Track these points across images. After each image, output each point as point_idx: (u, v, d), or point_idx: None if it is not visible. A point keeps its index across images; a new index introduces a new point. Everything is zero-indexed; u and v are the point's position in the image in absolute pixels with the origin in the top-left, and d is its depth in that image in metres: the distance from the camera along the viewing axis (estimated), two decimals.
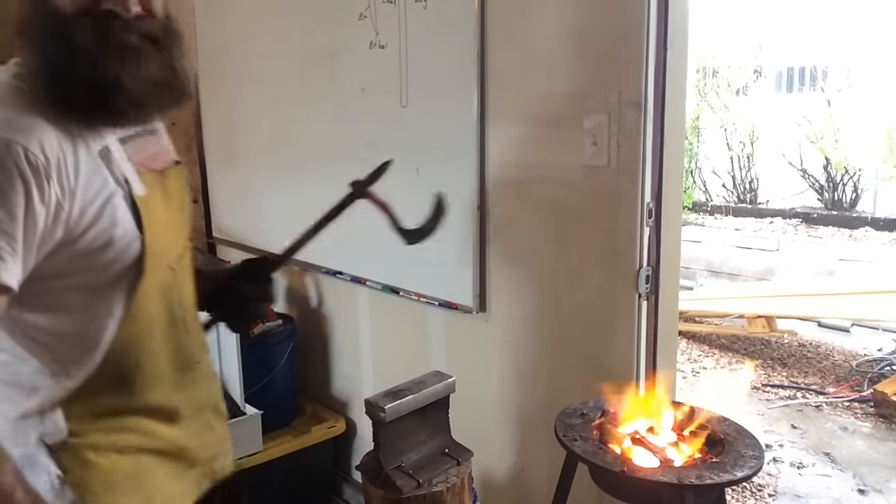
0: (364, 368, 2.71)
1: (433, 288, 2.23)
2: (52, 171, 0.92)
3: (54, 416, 1.03)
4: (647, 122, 1.72)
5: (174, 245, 1.15)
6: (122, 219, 1.01)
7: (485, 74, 2.03)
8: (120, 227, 1.01)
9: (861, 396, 3.99)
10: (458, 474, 1.75)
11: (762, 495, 3.08)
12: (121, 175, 1.02)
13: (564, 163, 1.88)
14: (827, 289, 5.49)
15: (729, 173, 10.03)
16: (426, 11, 2.12)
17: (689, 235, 7.66)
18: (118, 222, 1.01)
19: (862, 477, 3.20)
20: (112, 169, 1.01)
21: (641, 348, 1.82)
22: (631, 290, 1.79)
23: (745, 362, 4.61)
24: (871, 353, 4.65)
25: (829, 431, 3.66)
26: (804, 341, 4.90)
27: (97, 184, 0.98)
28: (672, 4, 1.69)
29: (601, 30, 1.77)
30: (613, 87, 1.75)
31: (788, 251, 7.52)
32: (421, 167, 2.22)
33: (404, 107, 2.24)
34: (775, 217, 9.36)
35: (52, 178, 0.92)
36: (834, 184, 9.26)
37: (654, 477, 1.36)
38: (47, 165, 0.91)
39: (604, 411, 1.62)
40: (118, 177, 1.02)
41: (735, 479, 1.37)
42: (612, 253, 1.80)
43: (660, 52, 1.70)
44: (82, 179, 0.96)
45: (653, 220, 1.78)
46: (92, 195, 0.98)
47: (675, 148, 1.80)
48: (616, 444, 1.52)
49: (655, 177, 1.76)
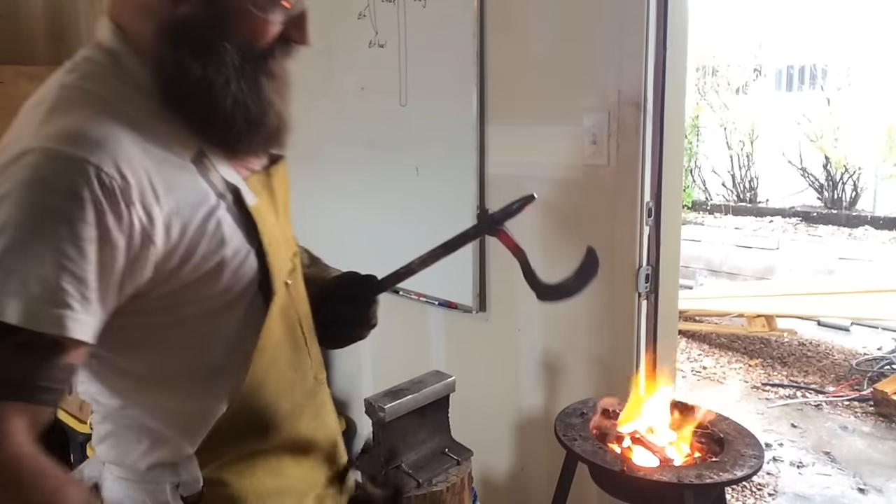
0: (364, 368, 2.71)
1: (433, 287, 2.23)
2: (132, 193, 0.75)
3: (189, 465, 0.89)
4: (646, 121, 1.72)
5: (287, 256, 0.99)
6: (231, 235, 0.85)
7: (484, 73, 2.02)
8: (229, 246, 0.85)
9: (861, 395, 3.98)
10: (458, 474, 1.75)
11: (762, 494, 3.08)
12: (221, 183, 0.86)
13: (564, 162, 1.87)
14: (827, 288, 5.49)
15: (728, 172, 10.03)
16: (425, 10, 2.12)
17: (689, 234, 7.66)
18: (227, 240, 0.84)
19: (862, 476, 3.20)
20: (209, 178, 0.85)
21: (641, 347, 1.82)
22: (630, 289, 1.79)
23: (745, 361, 4.60)
24: (870, 352, 4.65)
25: (828, 430, 3.66)
26: (804, 340, 4.89)
27: (194, 199, 0.82)
28: (671, 3, 1.69)
29: (600, 29, 1.77)
30: (613, 86, 1.75)
31: (788, 250, 7.52)
32: (420, 167, 2.22)
33: (404, 106, 2.24)
34: (775, 216, 9.36)
35: (133, 202, 0.75)
36: (833, 182, 9.26)
37: (653, 476, 1.36)
38: (126, 187, 0.74)
39: (604, 411, 1.62)
40: (218, 186, 0.85)
41: (735, 478, 1.37)
42: (611, 252, 1.80)
43: (659, 50, 1.70)
44: (175, 197, 0.80)
45: (652, 219, 1.78)
46: (189, 214, 0.81)
47: (674, 147, 1.80)
48: (616, 444, 1.52)
49: (655, 176, 1.76)
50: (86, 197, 0.71)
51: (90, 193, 0.72)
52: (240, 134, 0.85)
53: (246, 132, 0.85)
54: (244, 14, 0.82)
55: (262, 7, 0.83)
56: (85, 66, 0.84)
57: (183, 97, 0.82)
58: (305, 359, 1.00)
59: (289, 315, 0.97)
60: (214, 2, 0.81)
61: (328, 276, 1.15)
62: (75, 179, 0.71)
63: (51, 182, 0.71)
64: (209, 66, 0.82)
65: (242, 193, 0.88)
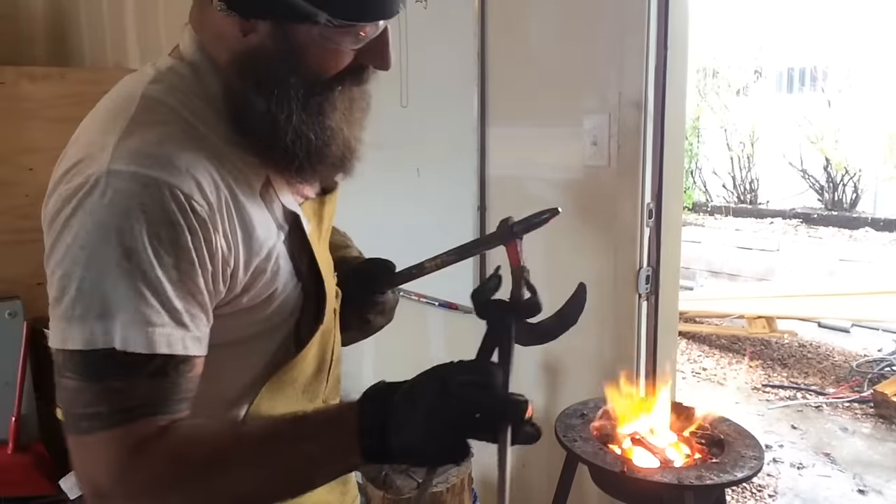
0: (364, 368, 2.71)
1: (433, 288, 2.23)
2: (216, 219, 0.75)
3: None
4: (647, 123, 1.72)
5: (333, 283, 0.97)
6: (283, 268, 0.85)
7: (485, 74, 2.03)
8: (281, 279, 0.84)
9: (861, 397, 3.98)
10: (458, 475, 1.75)
11: (762, 496, 3.08)
12: (281, 214, 0.85)
13: (564, 163, 1.87)
14: (827, 289, 5.49)
15: (729, 174, 10.04)
16: (426, 11, 2.12)
17: (690, 236, 7.66)
18: (280, 273, 0.84)
19: (862, 477, 3.20)
20: (272, 209, 0.84)
21: (641, 348, 1.82)
22: (631, 291, 1.79)
23: (745, 363, 4.60)
24: (871, 354, 4.65)
25: (829, 432, 3.66)
26: (804, 342, 4.89)
27: (262, 232, 0.81)
28: (672, 5, 1.69)
29: (601, 30, 1.77)
30: (613, 88, 1.75)
31: (788, 251, 7.52)
32: (421, 167, 2.22)
33: (404, 107, 2.24)
34: (775, 217, 9.36)
35: (217, 228, 0.75)
36: (834, 184, 9.26)
37: (653, 477, 1.36)
38: (212, 215, 0.75)
39: (604, 412, 1.62)
40: (279, 217, 0.85)
41: (735, 479, 1.37)
42: (612, 253, 1.80)
43: (660, 52, 1.70)
44: (246, 227, 0.79)
45: (653, 221, 1.78)
46: (257, 246, 0.81)
47: (675, 148, 1.80)
48: (616, 445, 1.52)
49: (655, 177, 1.76)
50: (182, 223, 0.72)
51: (185, 220, 0.72)
52: (301, 165, 0.83)
53: (307, 163, 0.83)
54: (315, 46, 0.78)
55: (335, 39, 0.78)
56: (170, 78, 0.82)
57: (248, 129, 0.81)
58: (322, 383, 0.99)
59: (325, 343, 0.96)
60: (283, 33, 0.78)
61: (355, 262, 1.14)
62: (171, 207, 0.72)
63: (149, 209, 0.71)
64: (272, 101, 0.79)
65: (303, 222, 0.87)
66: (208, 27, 0.82)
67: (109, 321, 0.70)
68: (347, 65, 0.81)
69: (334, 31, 0.77)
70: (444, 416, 0.70)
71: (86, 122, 0.82)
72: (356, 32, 0.78)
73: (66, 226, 0.72)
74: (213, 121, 0.80)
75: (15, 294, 2.81)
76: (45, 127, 2.88)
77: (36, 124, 2.88)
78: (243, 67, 0.79)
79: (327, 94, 0.82)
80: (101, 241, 0.70)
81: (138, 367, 0.71)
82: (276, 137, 0.80)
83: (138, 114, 0.77)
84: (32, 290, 2.92)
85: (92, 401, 0.71)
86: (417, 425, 0.70)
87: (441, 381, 0.72)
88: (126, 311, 0.70)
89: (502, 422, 0.72)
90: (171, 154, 0.74)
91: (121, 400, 0.71)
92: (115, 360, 0.70)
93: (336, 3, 0.75)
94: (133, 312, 0.70)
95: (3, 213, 2.85)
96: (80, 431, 0.72)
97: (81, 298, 0.70)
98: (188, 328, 0.74)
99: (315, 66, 0.80)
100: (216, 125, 0.80)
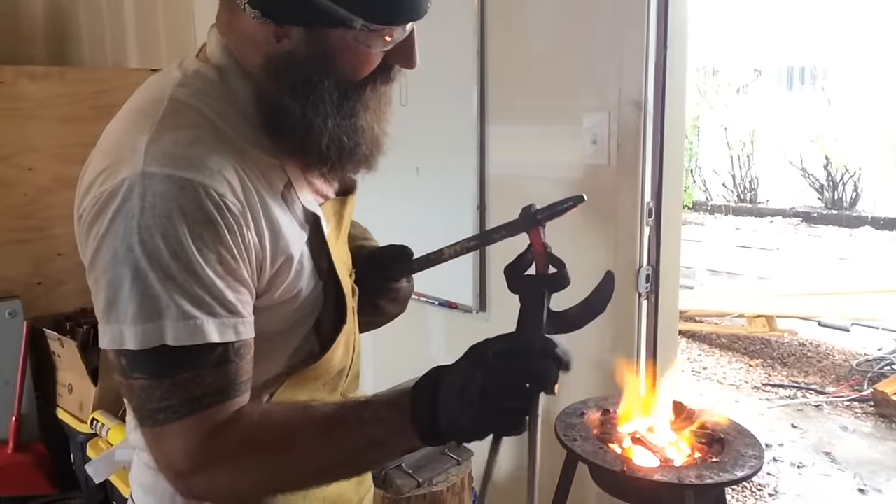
0: (364, 368, 2.70)
1: (433, 287, 2.23)
2: (248, 217, 0.78)
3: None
4: (647, 121, 1.72)
5: (350, 282, 0.99)
6: (306, 267, 0.87)
7: (485, 73, 2.02)
8: (305, 277, 0.87)
9: (861, 396, 3.98)
10: (458, 474, 1.75)
11: (762, 495, 3.08)
12: (302, 214, 0.87)
13: (564, 161, 1.87)
14: (827, 288, 5.49)
15: (729, 172, 10.04)
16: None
17: (689, 235, 7.66)
18: (304, 273, 0.86)
19: (862, 477, 3.20)
20: (294, 210, 0.86)
21: (641, 347, 1.82)
22: (631, 290, 1.79)
23: (745, 361, 4.60)
24: (871, 353, 4.65)
25: (829, 431, 3.66)
26: (804, 341, 4.89)
27: (288, 231, 0.83)
28: (672, 3, 1.69)
29: (601, 28, 1.77)
30: (613, 86, 1.75)
31: (788, 250, 7.52)
32: (421, 166, 2.21)
33: (404, 105, 2.24)
34: (775, 216, 9.36)
35: (250, 225, 0.78)
36: (834, 183, 9.26)
37: (653, 477, 1.36)
38: (244, 212, 0.77)
39: (604, 411, 1.62)
40: (300, 217, 0.86)
41: (735, 478, 1.36)
42: (611, 252, 1.80)
43: (660, 50, 1.70)
44: (273, 227, 0.81)
45: (653, 220, 1.78)
46: (283, 244, 0.82)
47: (675, 147, 1.80)
48: (616, 444, 1.52)
49: (655, 176, 1.76)
50: (220, 222, 0.75)
51: (222, 218, 0.75)
52: (333, 165, 0.86)
53: (339, 163, 0.86)
54: (346, 50, 0.80)
55: (367, 42, 0.80)
56: (196, 81, 0.83)
57: (282, 134, 0.82)
58: (343, 378, 1.01)
59: (349, 341, 0.98)
60: (317, 38, 0.79)
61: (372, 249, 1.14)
62: (208, 207, 0.74)
63: (189, 211, 0.73)
64: (308, 106, 0.81)
65: (322, 223, 0.89)
66: (237, 31, 0.83)
67: (163, 320, 0.73)
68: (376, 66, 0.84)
69: (367, 35, 0.79)
70: (481, 388, 0.72)
71: (113, 125, 0.83)
72: (386, 35, 0.81)
73: (108, 231, 0.74)
74: (238, 123, 0.82)
75: (15, 294, 2.81)
76: (44, 126, 2.87)
77: (35, 124, 2.87)
78: (277, 72, 0.81)
79: (360, 96, 0.84)
80: (147, 244, 0.72)
81: (203, 359, 0.75)
82: (311, 142, 0.82)
83: (166, 117, 0.78)
84: (32, 289, 2.92)
85: (164, 395, 0.74)
86: (458, 401, 0.72)
87: (477, 354, 0.75)
88: (178, 309, 0.73)
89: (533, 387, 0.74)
90: (203, 156, 0.76)
91: (191, 390, 0.75)
92: (181, 355, 0.74)
93: (370, 8, 0.77)
94: (185, 308, 0.73)
95: (3, 213, 2.84)
96: (156, 423, 0.75)
97: (133, 301, 0.73)
98: (241, 315, 0.78)
99: (348, 70, 0.82)
100: (241, 128, 0.82)
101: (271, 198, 0.82)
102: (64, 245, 2.92)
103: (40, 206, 2.90)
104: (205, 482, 0.77)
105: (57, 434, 2.76)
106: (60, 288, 2.98)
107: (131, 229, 0.72)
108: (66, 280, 2.98)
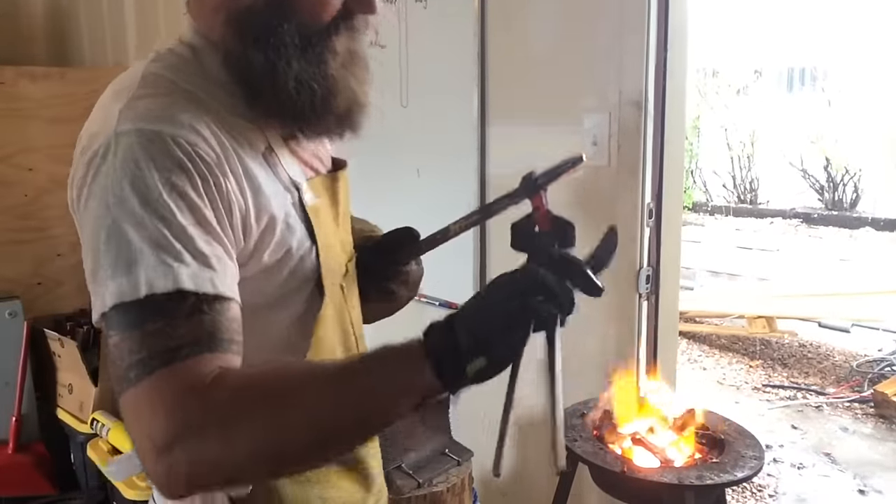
0: None
1: (433, 288, 2.22)
2: (224, 166, 0.78)
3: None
4: (647, 122, 1.72)
5: (342, 261, 0.99)
6: (296, 226, 0.87)
7: (485, 74, 2.02)
8: (295, 237, 0.87)
9: (861, 397, 3.98)
10: (458, 474, 1.75)
11: (762, 496, 3.08)
12: (287, 178, 0.88)
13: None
14: (827, 289, 5.49)
15: (729, 173, 10.03)
16: (426, 11, 2.12)
17: (690, 236, 7.66)
18: (293, 230, 0.86)
19: (862, 477, 3.20)
20: (277, 171, 0.87)
21: (642, 348, 1.82)
22: (631, 290, 1.79)
23: (746, 362, 4.60)
24: (871, 354, 4.65)
25: (829, 432, 3.66)
26: (804, 341, 4.89)
27: (270, 188, 0.84)
28: (672, 4, 1.69)
29: (601, 29, 1.77)
30: (613, 87, 1.75)
31: (789, 251, 7.52)
32: (421, 167, 2.21)
33: (405, 107, 2.24)
34: (775, 217, 9.36)
35: (227, 173, 0.78)
36: (834, 184, 9.26)
37: (654, 477, 1.36)
38: (219, 161, 0.77)
39: (604, 411, 1.62)
40: (284, 180, 0.87)
41: (735, 479, 1.37)
42: None
43: (660, 51, 1.70)
44: (254, 183, 0.82)
45: (653, 221, 1.78)
46: (265, 201, 0.82)
47: (675, 148, 1.80)
48: (616, 445, 1.52)
49: (656, 177, 1.76)
50: (192, 169, 0.74)
51: (194, 166, 0.75)
52: (308, 117, 0.86)
53: (312, 114, 0.85)
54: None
55: None
56: (169, 57, 0.86)
57: (251, 88, 0.84)
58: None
59: (343, 320, 0.97)
60: None
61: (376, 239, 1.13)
62: (178, 154, 0.74)
63: (157, 158, 0.73)
64: (269, 49, 0.82)
65: (302, 192, 0.89)
66: (204, 7, 0.86)
67: (136, 268, 0.71)
68: (337, 12, 0.84)
69: None
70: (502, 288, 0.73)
71: (94, 108, 0.85)
72: None
73: (89, 197, 0.75)
74: (215, 92, 0.84)
75: (15, 294, 2.81)
76: (44, 127, 2.87)
77: (35, 124, 2.87)
78: (241, 27, 0.83)
79: (325, 43, 0.85)
80: (118, 196, 0.72)
81: (172, 308, 0.71)
82: (278, 87, 0.83)
83: (141, 88, 0.80)
84: (32, 289, 2.92)
85: (135, 348, 0.70)
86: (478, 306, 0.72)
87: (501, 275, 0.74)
88: (151, 255, 0.71)
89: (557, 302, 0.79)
90: (175, 112, 0.77)
91: (164, 342, 0.70)
92: (148, 306, 0.70)
93: None
94: (157, 254, 0.71)
95: (3, 213, 2.85)
96: (129, 384, 0.70)
97: (109, 256, 0.72)
98: (214, 269, 0.74)
99: (306, 14, 0.83)
100: (219, 96, 0.83)
101: (250, 157, 0.83)
102: (64, 245, 2.92)
103: (40, 207, 2.90)
104: (191, 451, 0.68)
105: (57, 434, 2.76)
106: (60, 288, 2.98)
107: (106, 188, 0.73)
108: (65, 280, 2.98)
